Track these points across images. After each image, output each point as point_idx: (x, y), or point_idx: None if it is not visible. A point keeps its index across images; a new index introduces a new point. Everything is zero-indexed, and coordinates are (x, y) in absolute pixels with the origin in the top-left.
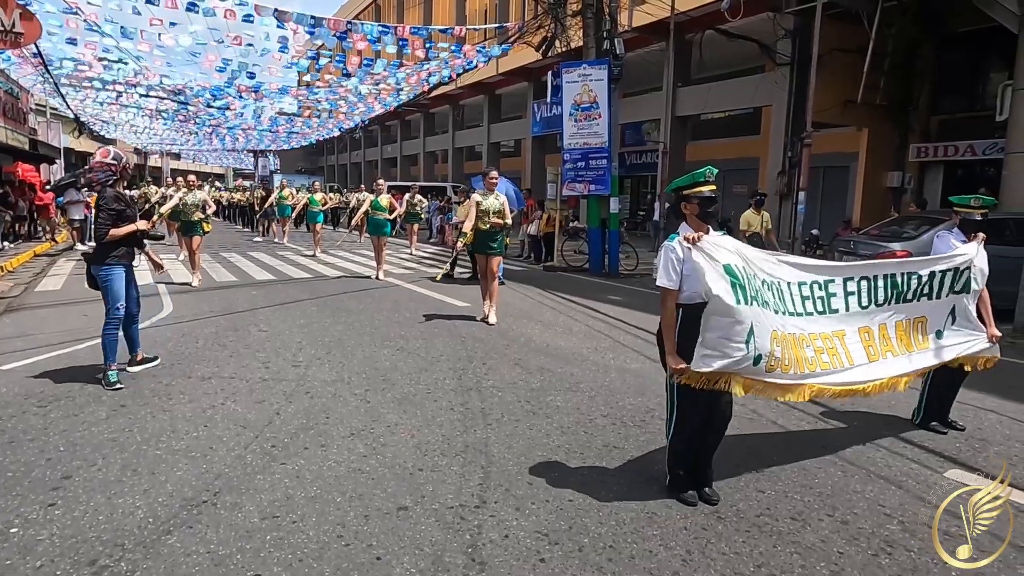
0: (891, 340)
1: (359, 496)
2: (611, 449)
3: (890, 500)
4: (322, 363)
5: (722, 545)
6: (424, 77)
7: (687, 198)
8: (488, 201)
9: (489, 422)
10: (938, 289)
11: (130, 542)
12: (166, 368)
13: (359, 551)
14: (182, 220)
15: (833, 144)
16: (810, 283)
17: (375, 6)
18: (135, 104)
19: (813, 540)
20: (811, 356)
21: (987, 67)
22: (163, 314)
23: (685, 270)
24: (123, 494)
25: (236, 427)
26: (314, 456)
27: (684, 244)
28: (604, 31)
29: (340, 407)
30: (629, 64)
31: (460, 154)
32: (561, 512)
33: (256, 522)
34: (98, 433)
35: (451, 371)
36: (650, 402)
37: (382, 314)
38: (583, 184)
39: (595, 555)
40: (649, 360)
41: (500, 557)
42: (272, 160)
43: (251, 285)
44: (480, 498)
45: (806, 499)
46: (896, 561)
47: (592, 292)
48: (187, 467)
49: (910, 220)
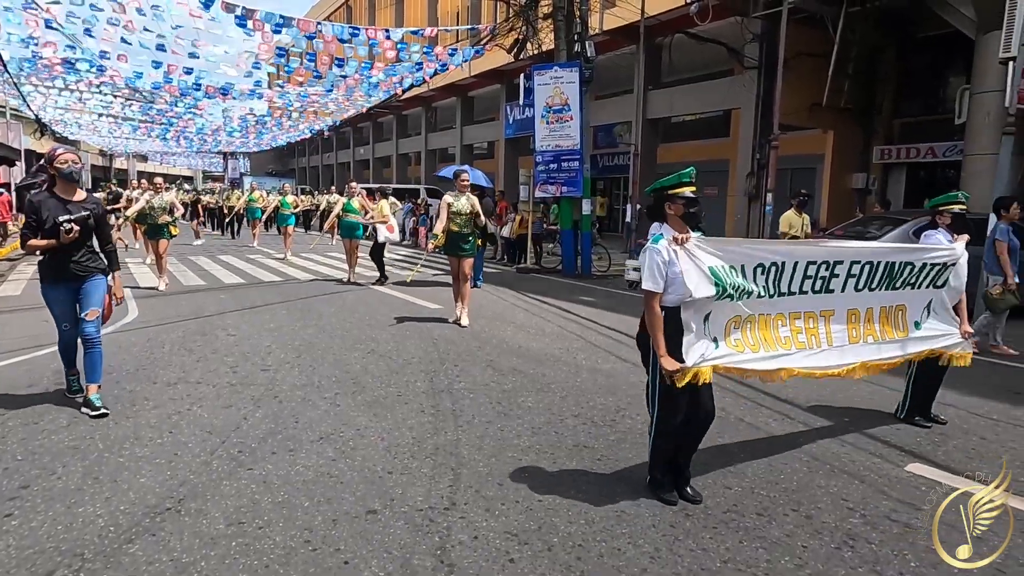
0: (874, 324)
1: (327, 500)
2: (581, 449)
3: (853, 494)
4: (291, 367)
5: (689, 542)
6: (397, 81)
7: (672, 198)
8: (460, 202)
9: (460, 424)
10: (923, 280)
11: (90, 552)
12: (130, 374)
13: (327, 556)
14: (148, 223)
15: (800, 146)
16: (819, 263)
17: (346, 7)
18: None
19: (778, 535)
20: (786, 336)
21: (947, 72)
22: (128, 319)
23: (670, 273)
24: (83, 503)
25: (202, 433)
26: (282, 461)
27: (670, 246)
28: (575, 34)
29: (309, 411)
30: (600, 67)
31: (433, 156)
32: (531, 512)
33: (221, 528)
34: (58, 441)
35: (422, 373)
36: (620, 401)
37: (353, 317)
38: (555, 186)
39: (564, 554)
40: (620, 360)
41: (469, 558)
42: (242, 162)
43: (220, 289)
44: (450, 500)
45: (772, 495)
46: (858, 554)
47: (565, 293)
48: (151, 474)
49: (874, 220)
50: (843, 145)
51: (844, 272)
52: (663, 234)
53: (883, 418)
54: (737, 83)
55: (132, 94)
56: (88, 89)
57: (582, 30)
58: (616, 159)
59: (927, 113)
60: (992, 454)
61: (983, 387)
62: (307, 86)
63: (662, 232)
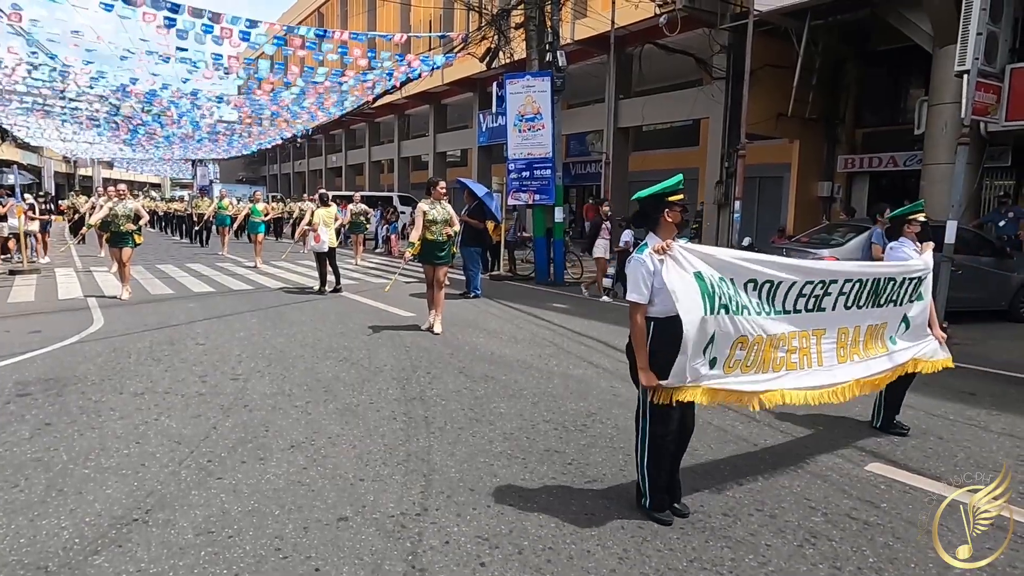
0: (860, 343)
1: (298, 508)
2: (552, 453)
3: (815, 494)
4: (262, 376)
5: (657, 542)
6: (369, 87)
7: (671, 205)
8: (435, 210)
9: (432, 431)
10: (901, 295)
11: (54, 564)
12: (95, 384)
13: (297, 563)
14: (112, 231)
15: (768, 155)
16: (816, 282)
17: (318, 14)
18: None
19: (743, 534)
20: (781, 356)
21: (907, 83)
22: (93, 328)
23: (656, 283)
24: (47, 515)
25: (170, 443)
26: (252, 470)
27: (655, 256)
28: (546, 43)
29: (280, 420)
30: (573, 76)
31: (406, 164)
32: (502, 516)
33: (190, 538)
34: (20, 453)
35: (394, 381)
36: (591, 406)
37: (325, 325)
38: (528, 193)
39: (534, 557)
40: (592, 366)
41: (440, 563)
42: (212, 169)
43: (188, 298)
44: (422, 506)
45: (737, 495)
46: (819, 551)
47: (537, 300)
48: (117, 485)
49: (838, 228)
50: (808, 154)
51: (836, 290)
52: (648, 243)
53: (845, 421)
54: (706, 93)
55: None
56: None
57: (554, 40)
58: (589, 167)
59: (889, 123)
60: (948, 453)
61: (939, 389)
62: (277, 93)
63: (647, 241)
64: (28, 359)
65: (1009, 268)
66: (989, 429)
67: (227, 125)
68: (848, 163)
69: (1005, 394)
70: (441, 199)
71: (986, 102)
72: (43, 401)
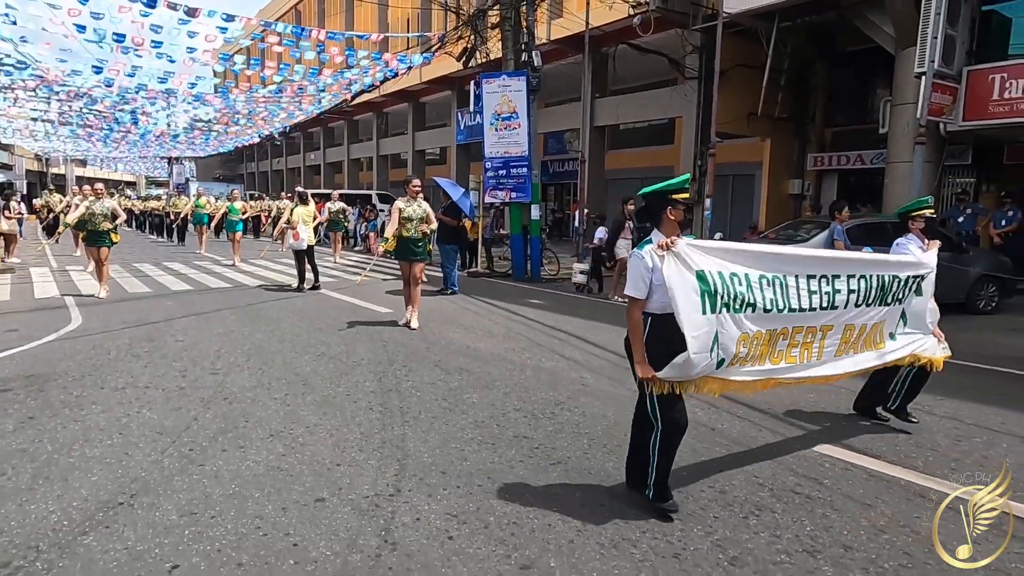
0: (860, 341)
1: (277, 491)
2: (521, 439)
3: (764, 472)
4: (241, 370)
5: (615, 517)
6: (345, 85)
7: (675, 203)
8: (411, 208)
9: (407, 419)
10: (905, 293)
11: (45, 544)
12: (76, 380)
13: (276, 539)
14: (88, 230)
15: (740, 154)
16: (819, 277)
17: (295, 12)
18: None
19: (693, 508)
20: (781, 349)
21: (874, 84)
22: (71, 327)
23: (655, 279)
24: (35, 500)
25: (152, 434)
26: (232, 457)
27: (656, 252)
28: (522, 44)
29: (259, 411)
30: (550, 75)
31: (385, 162)
32: (470, 496)
33: (174, 519)
34: (5, 445)
35: (371, 374)
36: (560, 396)
37: (304, 321)
38: (504, 191)
39: (499, 531)
40: (563, 358)
41: (411, 537)
42: (188, 167)
43: (166, 296)
44: (395, 487)
45: (691, 475)
46: (762, 522)
47: (513, 296)
48: (102, 473)
49: (803, 224)
50: (779, 153)
51: (845, 287)
52: (651, 239)
53: (800, 406)
54: (679, 93)
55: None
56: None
57: (529, 40)
58: (566, 165)
59: (856, 123)
60: (891, 435)
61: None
62: (253, 91)
63: (651, 237)
64: (6, 356)
65: (965, 263)
66: (933, 413)
67: (204, 123)
68: (817, 161)
69: (954, 382)
70: (416, 197)
71: (943, 103)
72: (24, 396)
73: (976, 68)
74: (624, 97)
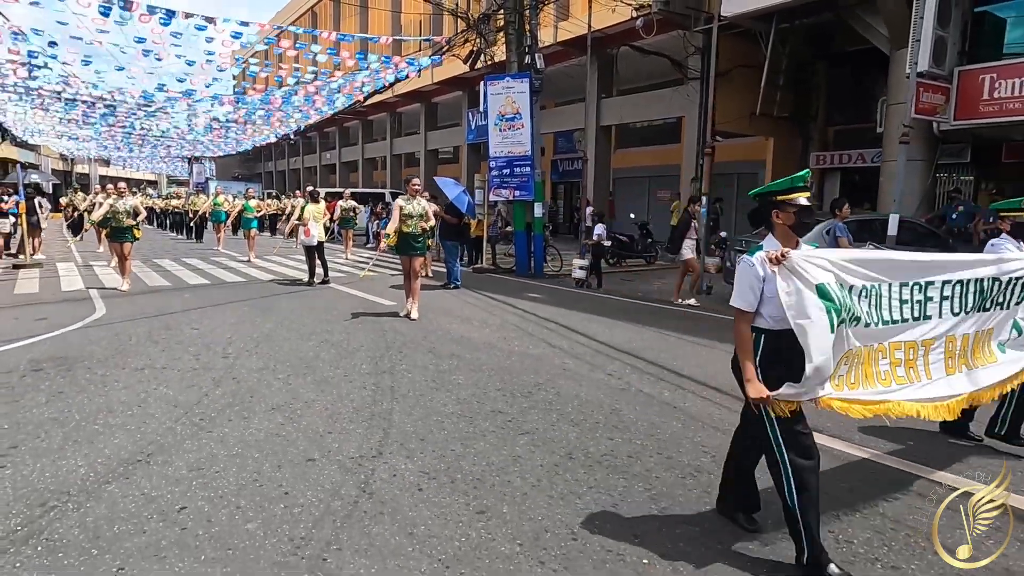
0: (967, 353)
1: (274, 453)
2: (496, 414)
3: (711, 442)
4: (250, 354)
5: (567, 475)
6: (357, 86)
7: (781, 205)
8: (411, 205)
9: (396, 397)
10: (1008, 298)
11: (74, 490)
12: (101, 361)
13: (271, 489)
14: (112, 227)
15: (745, 152)
16: (911, 284)
17: (311, 14)
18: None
19: (639, 470)
20: (885, 370)
21: (874, 83)
22: (95, 316)
23: (767, 291)
24: (66, 458)
25: (167, 406)
26: (237, 426)
27: (766, 263)
28: (525, 47)
29: (264, 389)
30: (559, 76)
31: (398, 161)
32: (443, 458)
33: (184, 473)
34: (39, 414)
35: (369, 358)
36: (540, 378)
37: (311, 313)
38: (508, 190)
39: (464, 485)
40: (549, 346)
41: (386, 489)
42: (208, 166)
43: (184, 289)
44: (378, 451)
45: (645, 443)
46: (699, 482)
47: (514, 291)
48: (123, 437)
49: None
50: (782, 151)
51: (937, 295)
52: (763, 245)
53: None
54: (681, 93)
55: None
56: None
57: (532, 43)
58: (576, 164)
59: (857, 121)
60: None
61: None
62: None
63: (762, 243)
64: (38, 341)
65: None
66: None
67: (221, 123)
68: (819, 159)
69: None
70: (416, 195)
71: (934, 103)
72: (55, 375)
73: (967, 68)
74: (628, 97)
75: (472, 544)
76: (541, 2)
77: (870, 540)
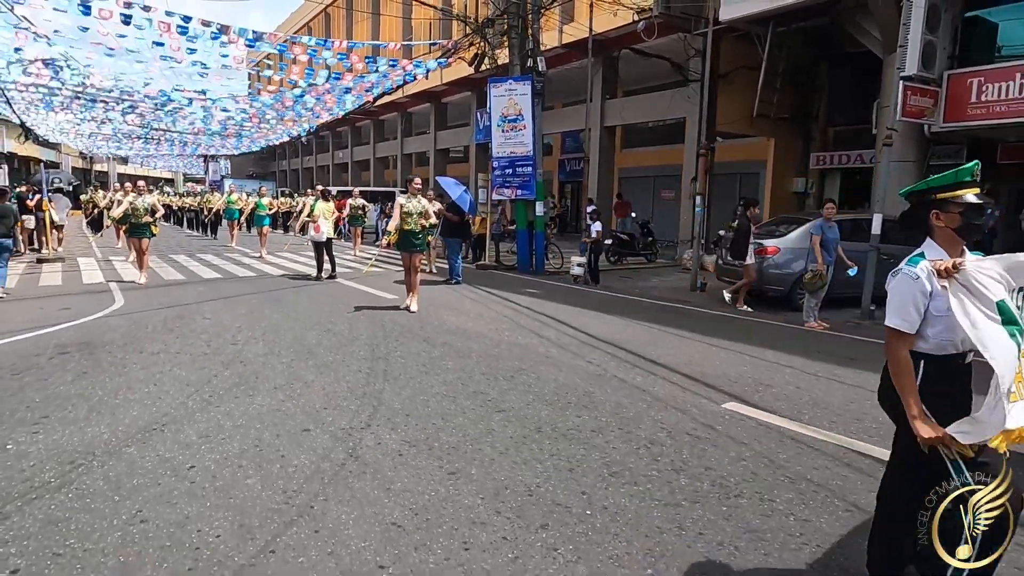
0: None
1: (274, 424)
2: (477, 394)
3: (670, 420)
4: (257, 341)
5: (532, 446)
6: (367, 88)
7: (942, 204)
8: (411, 204)
9: (388, 379)
10: None
11: (98, 451)
12: (120, 346)
13: (268, 452)
14: (131, 223)
15: (746, 153)
16: None
17: (325, 15)
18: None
19: (599, 442)
20: None
21: (871, 84)
22: (115, 307)
23: (934, 309)
24: (90, 426)
25: (180, 385)
26: (242, 402)
27: (934, 276)
28: (528, 50)
29: (268, 371)
30: (566, 77)
31: (409, 160)
32: (424, 430)
33: (194, 439)
34: (65, 391)
35: (367, 346)
36: (524, 364)
37: (317, 305)
38: (510, 189)
39: (440, 452)
40: (537, 336)
41: (370, 454)
42: (223, 165)
43: (198, 283)
44: (366, 423)
45: (609, 421)
46: (651, 452)
47: (514, 287)
48: (140, 410)
49: (784, 221)
50: (783, 151)
51: None
52: (924, 253)
53: (725, 372)
54: (682, 95)
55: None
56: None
57: (534, 47)
58: (582, 163)
59: (857, 122)
60: (797, 398)
61: (826, 355)
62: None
63: (923, 251)
64: (63, 328)
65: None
66: (843, 382)
67: (236, 122)
68: (820, 160)
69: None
70: (417, 194)
71: (922, 106)
72: (79, 357)
73: (956, 72)
74: (631, 98)
75: (440, 497)
76: (543, 7)
77: (791, 500)
